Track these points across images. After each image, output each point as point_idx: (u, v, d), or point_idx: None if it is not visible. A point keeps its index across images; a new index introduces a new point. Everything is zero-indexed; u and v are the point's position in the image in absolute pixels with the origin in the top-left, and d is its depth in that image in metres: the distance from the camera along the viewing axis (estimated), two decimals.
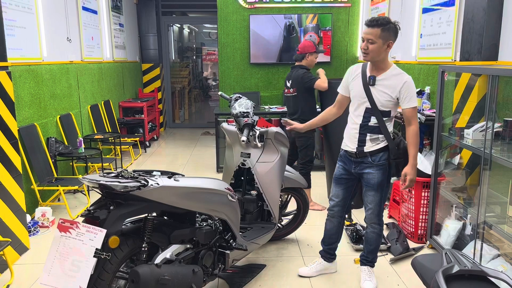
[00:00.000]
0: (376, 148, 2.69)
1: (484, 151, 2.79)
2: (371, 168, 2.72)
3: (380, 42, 2.53)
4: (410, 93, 2.59)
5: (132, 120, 7.30)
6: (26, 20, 4.16)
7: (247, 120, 2.98)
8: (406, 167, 2.67)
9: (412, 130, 2.65)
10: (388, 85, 2.61)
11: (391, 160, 2.69)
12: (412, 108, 2.61)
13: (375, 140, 2.69)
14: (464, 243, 3.17)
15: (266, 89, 6.98)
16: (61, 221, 2.03)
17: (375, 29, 2.52)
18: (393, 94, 2.60)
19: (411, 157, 2.65)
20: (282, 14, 6.71)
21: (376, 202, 2.78)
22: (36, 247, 3.52)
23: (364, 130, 2.69)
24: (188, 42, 11.98)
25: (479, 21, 3.42)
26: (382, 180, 2.73)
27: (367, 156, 2.71)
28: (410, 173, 2.64)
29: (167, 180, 2.24)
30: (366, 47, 2.56)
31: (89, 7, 5.90)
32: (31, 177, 4.03)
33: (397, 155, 2.69)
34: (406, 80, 2.58)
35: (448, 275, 2.00)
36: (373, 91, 2.64)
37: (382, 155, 2.70)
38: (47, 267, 1.98)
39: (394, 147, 2.68)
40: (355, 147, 2.73)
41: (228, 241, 2.71)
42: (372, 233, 2.88)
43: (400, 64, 5.18)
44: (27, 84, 4.13)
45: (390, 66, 2.65)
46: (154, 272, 2.10)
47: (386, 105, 2.63)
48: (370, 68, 2.68)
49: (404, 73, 2.63)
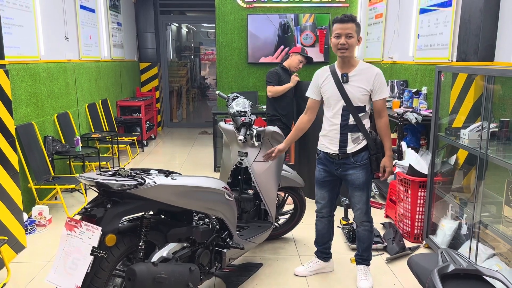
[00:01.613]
0: (358, 149, 2.70)
1: (480, 151, 2.80)
2: (355, 169, 2.73)
3: (355, 36, 2.59)
4: (382, 85, 2.64)
5: (130, 119, 7.29)
6: (24, 18, 4.16)
7: (244, 119, 2.99)
8: (383, 159, 2.72)
9: (383, 122, 2.71)
10: (361, 79, 2.64)
11: (371, 156, 2.72)
12: (383, 99, 2.67)
13: (356, 139, 2.70)
14: (460, 242, 3.19)
15: (264, 88, 6.92)
16: (68, 219, 2.04)
17: (351, 24, 2.56)
18: (367, 88, 2.64)
19: (386, 149, 2.71)
20: (279, 14, 6.72)
21: (363, 201, 2.80)
22: (33, 245, 3.52)
23: (345, 129, 2.69)
24: (186, 42, 11.98)
25: (475, 22, 3.43)
26: (366, 179, 2.75)
27: (349, 157, 2.72)
28: (388, 165, 2.71)
29: (164, 179, 2.24)
30: (345, 42, 2.57)
31: (87, 5, 5.90)
32: (28, 176, 4.02)
33: (375, 150, 2.72)
34: (377, 72, 2.64)
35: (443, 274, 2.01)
36: (348, 88, 2.66)
37: (364, 154, 2.72)
38: (54, 265, 2.00)
39: (372, 143, 2.71)
40: (337, 148, 2.72)
41: (225, 239, 2.71)
42: (364, 231, 2.90)
43: (397, 65, 5.19)
44: (24, 82, 4.13)
45: (358, 62, 2.70)
46: (150, 270, 2.11)
47: (362, 100, 2.65)
48: (339, 67, 2.70)
49: (373, 66, 2.68)
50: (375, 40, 5.98)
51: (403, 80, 4.91)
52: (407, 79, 4.91)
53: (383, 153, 2.73)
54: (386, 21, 5.62)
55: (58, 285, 1.95)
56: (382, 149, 2.73)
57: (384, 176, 2.73)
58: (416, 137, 4.19)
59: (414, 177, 3.50)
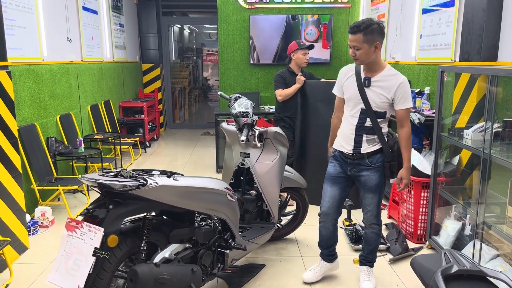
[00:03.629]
0: (373, 150, 2.65)
1: (483, 152, 2.79)
2: (369, 170, 2.67)
3: (366, 46, 2.49)
4: (405, 94, 2.55)
5: (132, 120, 7.30)
6: (26, 19, 4.17)
7: (247, 120, 2.98)
8: (401, 170, 2.65)
9: (405, 132, 2.62)
10: (384, 86, 2.56)
11: (385, 163, 2.65)
12: (406, 109, 2.58)
13: (372, 141, 2.64)
14: (464, 243, 3.17)
15: (266, 89, 6.98)
16: (68, 220, 2.03)
17: (358, 35, 2.48)
18: (388, 95, 2.56)
19: (405, 160, 2.63)
20: (282, 15, 6.71)
21: (375, 203, 2.75)
22: (36, 246, 3.52)
23: (360, 131, 2.64)
24: (189, 43, 11.99)
25: (478, 22, 3.42)
26: (379, 182, 2.70)
27: (364, 158, 2.66)
28: (405, 176, 2.64)
29: (166, 180, 2.24)
30: (353, 53, 2.53)
31: (89, 7, 5.91)
32: (31, 177, 4.03)
33: (391, 157, 2.64)
34: (401, 81, 2.54)
35: (447, 275, 2.00)
36: (368, 92, 2.59)
37: (379, 156, 2.66)
38: (55, 266, 1.99)
39: (388, 150, 2.63)
40: (351, 148, 2.67)
41: (227, 240, 2.70)
42: (372, 233, 2.85)
43: (399, 65, 5.18)
44: (27, 83, 4.14)
45: (385, 67, 2.60)
46: (152, 271, 2.10)
47: (381, 107, 2.58)
48: (364, 69, 2.63)
49: (400, 74, 2.59)
50: None
51: None
52: (410, 79, 4.89)
53: (400, 162, 2.65)
54: (388, 22, 5.61)
55: (60, 286, 1.95)
56: (399, 158, 2.65)
57: (400, 187, 2.66)
58: (419, 137, 4.18)
59: (417, 177, 3.49)
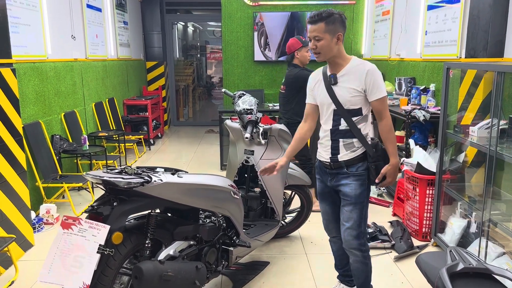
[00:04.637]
0: (352, 157, 2.35)
1: (489, 149, 2.77)
2: (348, 178, 2.37)
3: (328, 37, 2.25)
4: (376, 83, 2.27)
5: (136, 117, 7.31)
6: (31, 17, 4.17)
7: (251, 117, 2.98)
8: (385, 166, 2.33)
9: (384, 124, 2.33)
10: (351, 78, 2.30)
11: (370, 164, 2.35)
12: (380, 99, 2.29)
13: (350, 146, 2.35)
14: (469, 241, 3.15)
15: (270, 86, 6.97)
16: (64, 218, 2.03)
17: (319, 24, 2.25)
18: (358, 87, 2.28)
19: (390, 155, 2.33)
20: (286, 12, 6.69)
21: (354, 219, 2.37)
22: (41, 243, 3.53)
23: (336, 135, 2.37)
24: (192, 40, 12.00)
25: (484, 18, 3.39)
26: (360, 193, 2.36)
27: (343, 167, 2.37)
28: (390, 174, 2.33)
29: (170, 177, 2.24)
30: (314, 46, 2.28)
31: (93, 4, 5.91)
32: (36, 174, 4.04)
33: (375, 157, 2.34)
34: (368, 68, 2.27)
35: (452, 272, 1.99)
36: (337, 90, 2.33)
37: (360, 165, 2.36)
38: (46, 265, 1.97)
39: (372, 149, 2.33)
40: (329, 156, 2.40)
41: (232, 238, 2.70)
42: (356, 263, 2.46)
43: (404, 62, 5.15)
44: (31, 81, 4.15)
45: (350, 60, 2.35)
46: (157, 268, 2.11)
47: (354, 102, 2.31)
48: (329, 67, 2.40)
49: (366, 62, 2.33)
50: (382, 37, 5.94)
51: (411, 77, 4.86)
52: (415, 76, 4.87)
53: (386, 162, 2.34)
54: (393, 18, 5.57)
55: (59, 284, 1.93)
56: (385, 158, 2.34)
57: (382, 183, 2.36)
58: (424, 134, 4.16)
59: (422, 175, 3.47)
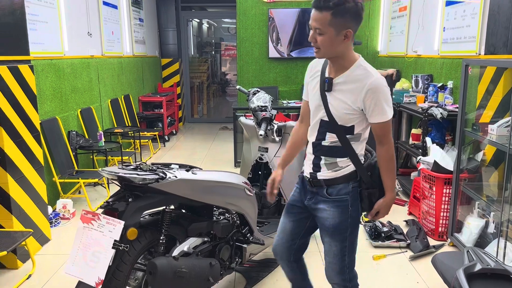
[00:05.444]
0: (334, 177, 1.89)
1: (509, 147, 2.71)
2: (326, 203, 1.91)
3: (332, 32, 1.70)
4: (379, 104, 1.74)
5: (152, 114, 7.37)
6: (48, 14, 4.23)
7: (265, 114, 2.97)
8: (379, 200, 1.92)
9: (386, 151, 1.86)
10: (347, 90, 1.78)
11: (363, 191, 1.91)
12: (383, 123, 1.79)
13: (333, 165, 1.89)
14: (487, 241, 3.10)
15: (285, 83, 6.94)
16: (83, 212, 2.05)
17: (323, 13, 1.68)
18: (354, 105, 1.77)
19: (387, 189, 1.91)
20: (301, 8, 6.65)
21: (334, 253, 1.93)
22: (57, 238, 3.59)
23: (317, 151, 1.91)
24: (207, 37, 12.01)
25: (505, 14, 3.32)
26: (340, 223, 1.90)
27: (322, 186, 1.92)
28: (383, 212, 1.94)
29: (185, 173, 2.24)
30: (313, 39, 1.75)
31: (109, 2, 5.96)
32: (53, 170, 4.10)
33: (370, 184, 1.91)
34: (370, 86, 1.73)
35: (470, 273, 1.96)
36: (330, 99, 1.83)
37: (342, 187, 1.89)
38: (71, 257, 2.01)
39: (366, 173, 1.90)
40: (309, 171, 1.96)
41: (245, 235, 2.70)
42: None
43: (422, 58, 5.07)
44: (49, 78, 4.20)
45: (353, 63, 1.80)
46: (171, 264, 2.11)
47: (346, 120, 1.81)
48: (329, 66, 1.87)
49: (371, 73, 1.76)
50: (399, 33, 5.86)
51: (428, 75, 4.79)
52: (432, 73, 4.79)
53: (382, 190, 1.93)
54: (410, 14, 5.49)
55: (79, 277, 1.97)
56: (381, 184, 1.92)
57: (373, 217, 1.97)
58: (441, 132, 4.09)
59: (439, 173, 3.41)
